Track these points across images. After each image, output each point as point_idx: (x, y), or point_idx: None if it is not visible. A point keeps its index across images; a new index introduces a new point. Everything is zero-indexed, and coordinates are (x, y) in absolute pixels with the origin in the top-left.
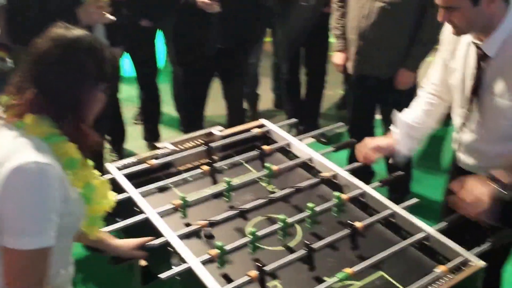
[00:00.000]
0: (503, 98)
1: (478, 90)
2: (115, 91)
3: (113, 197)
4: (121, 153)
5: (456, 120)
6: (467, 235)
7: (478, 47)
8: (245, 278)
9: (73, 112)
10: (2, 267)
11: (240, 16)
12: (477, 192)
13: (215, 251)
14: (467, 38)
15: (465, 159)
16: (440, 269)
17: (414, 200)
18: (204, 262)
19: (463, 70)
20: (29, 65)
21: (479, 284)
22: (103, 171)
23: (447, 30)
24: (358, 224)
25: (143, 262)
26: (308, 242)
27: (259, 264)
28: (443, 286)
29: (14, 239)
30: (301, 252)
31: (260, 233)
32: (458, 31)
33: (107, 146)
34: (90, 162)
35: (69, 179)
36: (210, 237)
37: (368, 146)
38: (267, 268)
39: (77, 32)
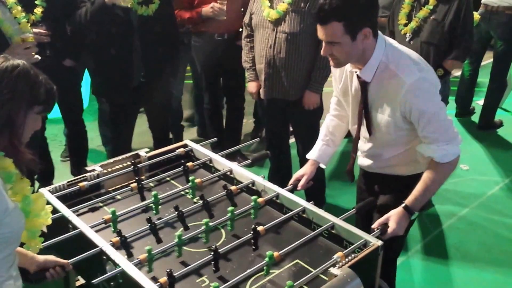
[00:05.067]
0: (384, 114)
1: (365, 108)
2: (41, 129)
3: (50, 210)
4: None
5: (353, 132)
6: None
7: (358, 75)
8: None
9: (8, 130)
10: None
11: (160, 50)
12: (399, 228)
13: (144, 256)
14: (348, 67)
15: (364, 162)
16: (338, 255)
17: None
18: (136, 265)
19: (351, 93)
20: None
21: (378, 259)
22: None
23: None
24: (260, 228)
25: (79, 282)
26: (216, 246)
27: (168, 271)
28: (348, 264)
29: None
30: (224, 249)
31: (185, 236)
32: (338, 63)
33: (36, 184)
34: (26, 180)
35: (6, 192)
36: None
37: (294, 177)
38: (193, 266)
39: (14, 61)
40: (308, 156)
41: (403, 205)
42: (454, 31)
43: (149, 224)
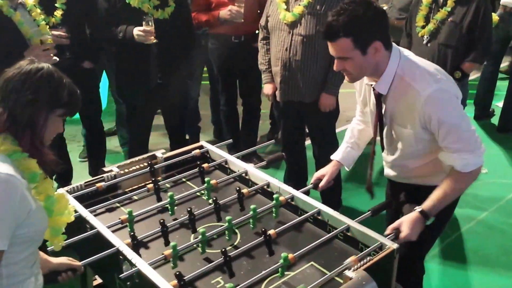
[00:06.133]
0: (403, 126)
1: (381, 120)
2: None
3: (72, 209)
4: None
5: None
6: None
7: (373, 88)
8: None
9: (30, 132)
10: None
11: (176, 53)
12: (412, 233)
13: (169, 251)
14: (366, 80)
15: (390, 172)
16: (350, 259)
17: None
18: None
19: (369, 106)
20: None
21: (394, 262)
22: None
23: None
24: (271, 232)
25: (96, 282)
26: (225, 249)
27: (177, 273)
28: (363, 267)
29: None
30: (239, 250)
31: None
32: (352, 78)
33: (54, 184)
34: (50, 180)
35: (31, 192)
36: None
37: (315, 176)
38: (211, 266)
39: (39, 64)
40: (332, 157)
41: (419, 209)
42: (473, 33)
43: (161, 227)
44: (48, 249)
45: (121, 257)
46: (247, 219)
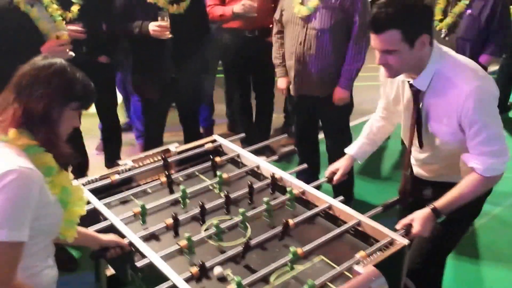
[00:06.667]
0: (441, 123)
1: (419, 117)
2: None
3: (86, 201)
4: None
5: (405, 141)
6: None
7: (411, 84)
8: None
9: (45, 126)
10: None
11: (191, 47)
12: (424, 230)
13: (184, 242)
14: (400, 77)
15: (419, 171)
16: (360, 254)
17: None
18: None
19: (403, 103)
20: (10, 86)
21: (404, 258)
22: None
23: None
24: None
25: (109, 272)
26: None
27: (200, 262)
28: (373, 262)
29: None
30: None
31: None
32: (392, 73)
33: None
34: (65, 172)
35: (47, 185)
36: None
37: (329, 170)
38: (220, 258)
39: (51, 59)
40: (346, 150)
41: (431, 207)
42: (490, 26)
43: (173, 220)
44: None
45: (133, 248)
46: (259, 212)
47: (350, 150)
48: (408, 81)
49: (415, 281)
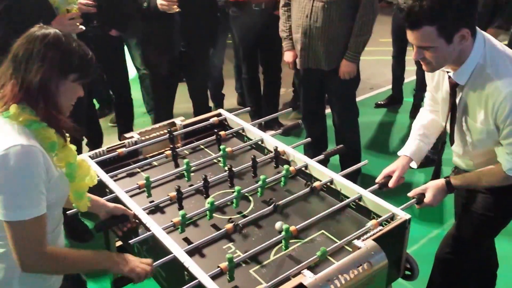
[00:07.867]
0: (474, 120)
1: (453, 111)
2: (88, 97)
3: (95, 173)
4: None
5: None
6: None
7: (449, 76)
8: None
9: (44, 100)
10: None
11: (199, 21)
12: (434, 200)
13: (177, 219)
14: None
15: (457, 161)
16: (371, 223)
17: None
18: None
19: (442, 93)
20: (7, 61)
21: (406, 233)
22: None
23: None
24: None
25: (118, 243)
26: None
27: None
28: (372, 237)
29: (14, 213)
30: (252, 217)
31: (217, 203)
32: (431, 68)
33: (86, 149)
34: (72, 146)
35: (51, 160)
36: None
37: (383, 173)
38: (220, 232)
39: (47, 30)
40: (400, 152)
41: (446, 179)
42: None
43: (176, 193)
44: (67, 212)
45: (137, 221)
46: (258, 187)
47: (404, 151)
48: (448, 72)
49: (445, 270)
